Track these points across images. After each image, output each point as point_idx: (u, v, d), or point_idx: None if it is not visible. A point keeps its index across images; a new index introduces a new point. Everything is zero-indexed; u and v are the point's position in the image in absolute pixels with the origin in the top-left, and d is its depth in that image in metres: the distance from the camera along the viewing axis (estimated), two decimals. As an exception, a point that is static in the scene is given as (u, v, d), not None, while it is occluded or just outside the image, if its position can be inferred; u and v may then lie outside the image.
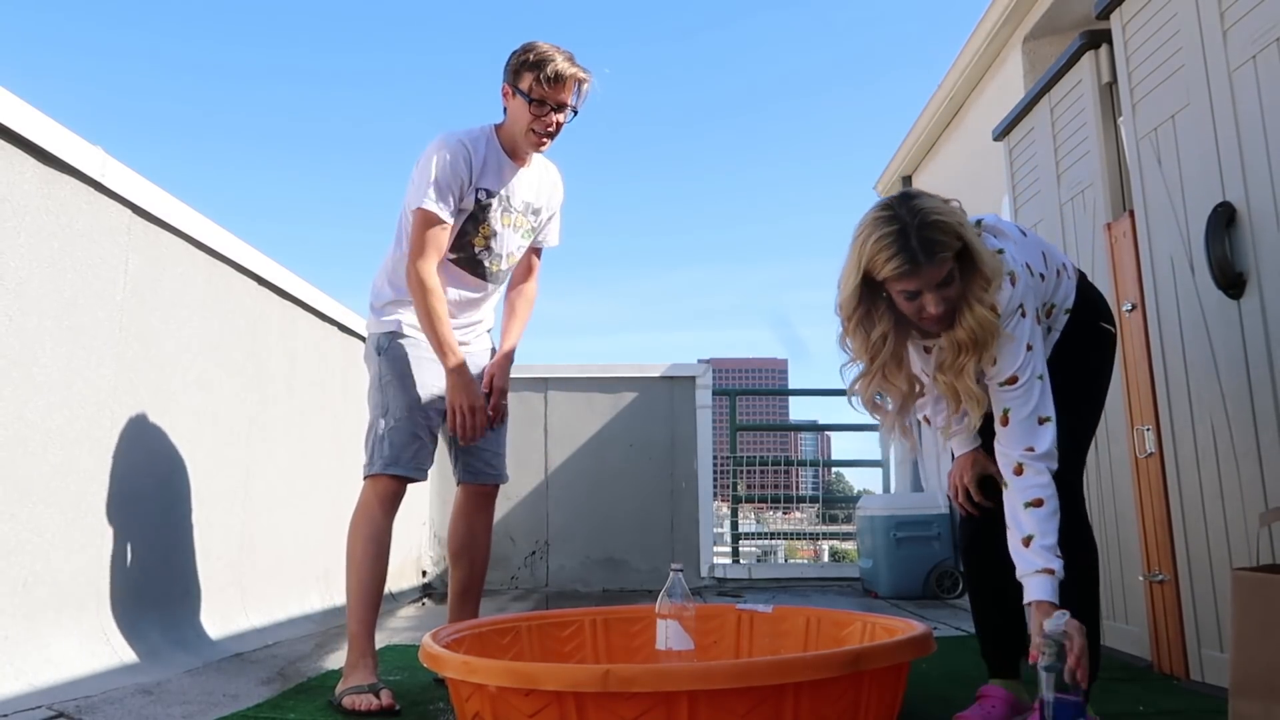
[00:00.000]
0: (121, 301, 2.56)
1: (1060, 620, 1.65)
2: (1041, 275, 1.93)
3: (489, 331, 2.69)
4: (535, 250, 2.67)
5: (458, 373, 2.36)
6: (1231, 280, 2.24)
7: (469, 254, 2.45)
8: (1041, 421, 1.80)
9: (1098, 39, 2.97)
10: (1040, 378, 1.81)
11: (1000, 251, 1.83)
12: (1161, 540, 2.58)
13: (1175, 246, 2.49)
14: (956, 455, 2.11)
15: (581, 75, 2.36)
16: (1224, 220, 2.27)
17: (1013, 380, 1.81)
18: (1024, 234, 2.00)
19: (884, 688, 1.69)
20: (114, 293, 2.53)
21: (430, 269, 2.33)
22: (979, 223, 1.91)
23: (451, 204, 2.35)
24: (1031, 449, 1.80)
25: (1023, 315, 1.81)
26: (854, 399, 1.95)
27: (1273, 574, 1.52)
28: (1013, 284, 1.81)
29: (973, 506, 2.06)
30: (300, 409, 3.77)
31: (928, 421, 2.12)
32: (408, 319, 2.47)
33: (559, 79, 2.32)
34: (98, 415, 2.45)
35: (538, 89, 2.32)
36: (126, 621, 2.51)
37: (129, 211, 2.60)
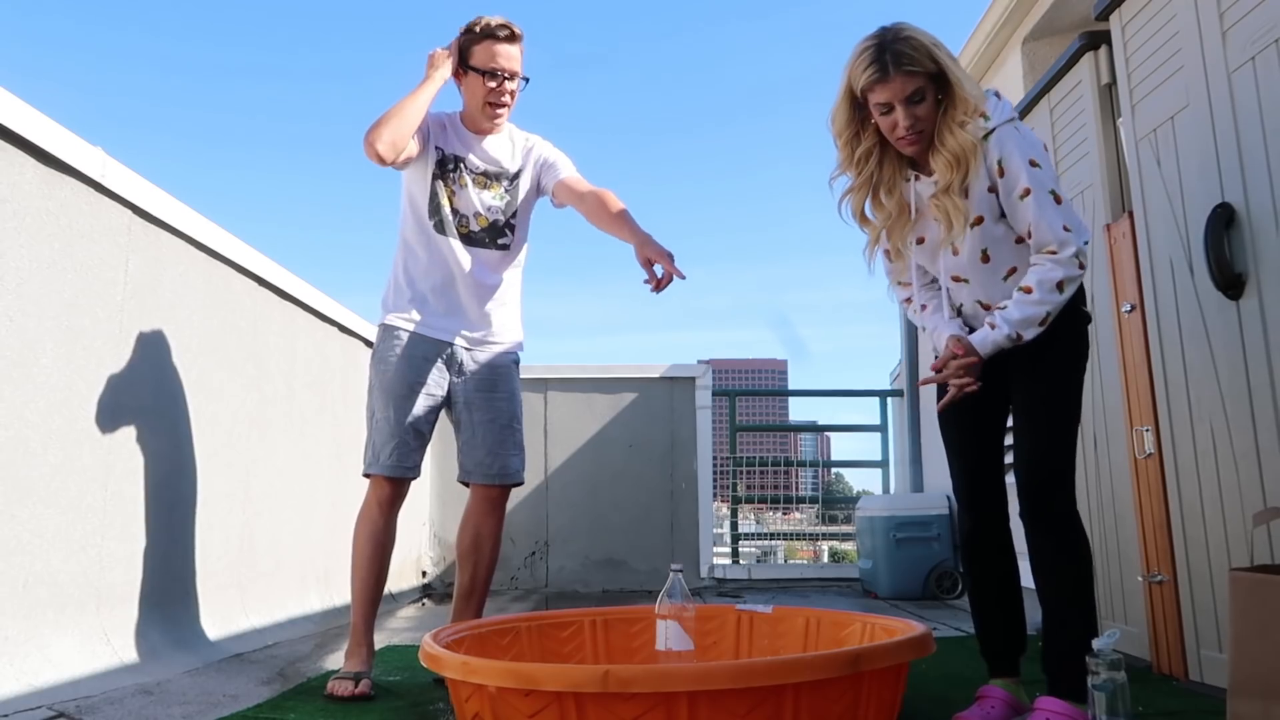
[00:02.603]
0: (122, 302, 2.56)
1: (1111, 639, 1.64)
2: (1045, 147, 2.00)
3: (507, 327, 2.65)
4: (567, 183, 2.62)
5: (427, 76, 2.48)
6: (1230, 281, 2.24)
7: (440, 216, 2.55)
8: (1066, 229, 1.88)
9: (1097, 40, 2.97)
10: (1052, 193, 1.89)
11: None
12: (1161, 541, 2.59)
13: (1174, 248, 2.49)
14: (941, 339, 2.08)
15: (518, 34, 2.53)
16: (1223, 221, 2.27)
17: (1026, 192, 1.88)
18: None
19: (883, 688, 1.69)
20: (114, 293, 2.53)
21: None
22: (997, 94, 2.01)
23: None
24: (1054, 251, 1.88)
25: (1019, 131, 1.92)
26: (843, 208, 2.09)
27: (1270, 575, 1.53)
28: (998, 97, 1.97)
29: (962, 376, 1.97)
30: (300, 410, 3.77)
31: (909, 303, 2.20)
32: (391, 318, 2.55)
33: (499, 44, 2.50)
34: (98, 416, 2.45)
35: (484, 59, 2.49)
36: (126, 622, 2.51)
37: (129, 212, 2.60)
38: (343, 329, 4.23)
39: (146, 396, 2.68)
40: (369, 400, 2.56)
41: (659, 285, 2.31)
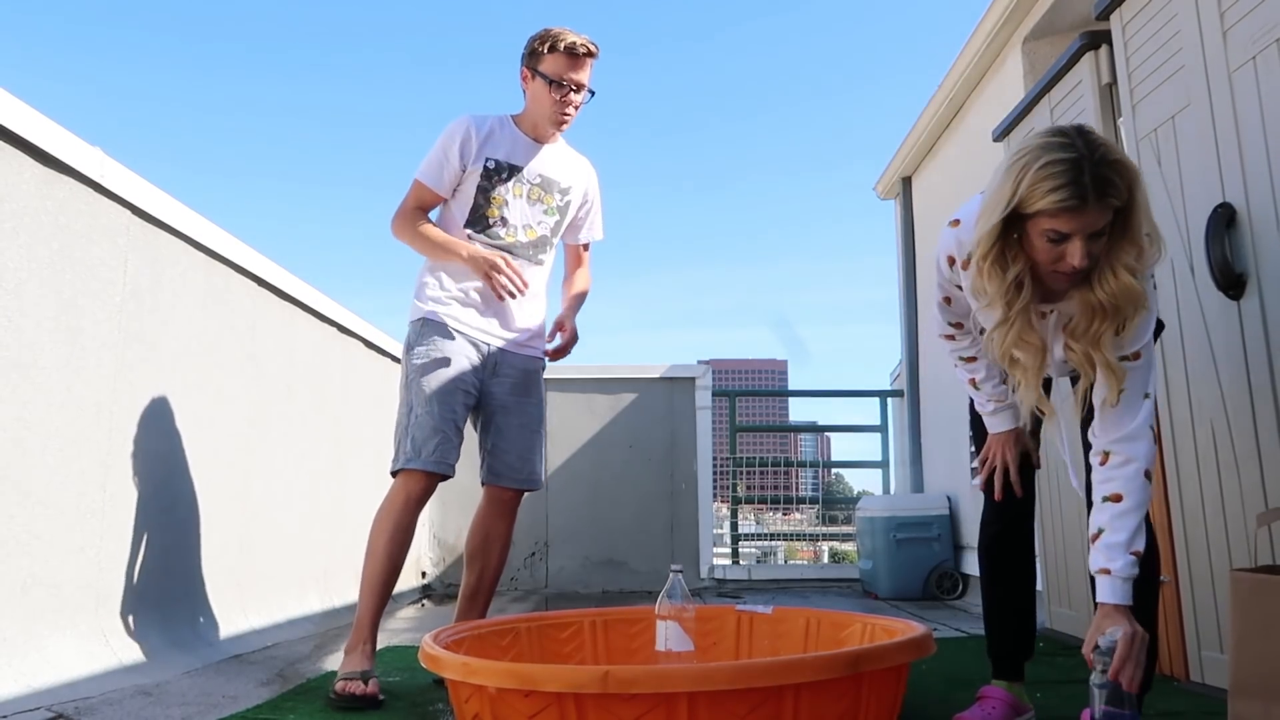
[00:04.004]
0: (120, 302, 2.56)
1: (1115, 635, 1.59)
2: None
3: (540, 328, 2.66)
4: (582, 246, 2.76)
5: (467, 256, 2.45)
6: (1231, 281, 2.24)
7: (484, 226, 2.52)
8: (1145, 397, 1.70)
9: (1097, 40, 2.97)
10: (1150, 362, 1.72)
11: None
12: (1162, 542, 2.58)
13: (1175, 248, 2.49)
14: (995, 431, 2.01)
15: (595, 52, 2.50)
16: (1224, 221, 2.26)
17: (1136, 355, 1.68)
18: None
19: (884, 689, 1.69)
20: (113, 294, 2.53)
21: (402, 212, 2.53)
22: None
23: (442, 172, 2.50)
24: (1123, 430, 1.68)
25: (1154, 285, 1.71)
26: (990, 349, 1.75)
27: (1271, 575, 1.52)
28: (1150, 243, 1.66)
29: (1003, 487, 1.97)
30: (300, 410, 3.77)
31: (974, 385, 2.04)
32: (433, 312, 2.51)
33: (576, 59, 2.48)
34: (97, 416, 2.45)
35: (556, 68, 2.46)
36: (126, 623, 2.51)
37: (128, 212, 2.60)
38: (342, 329, 4.23)
39: (145, 397, 2.67)
40: (406, 395, 2.48)
41: (556, 353, 2.61)
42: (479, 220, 2.52)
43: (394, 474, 2.47)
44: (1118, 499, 1.67)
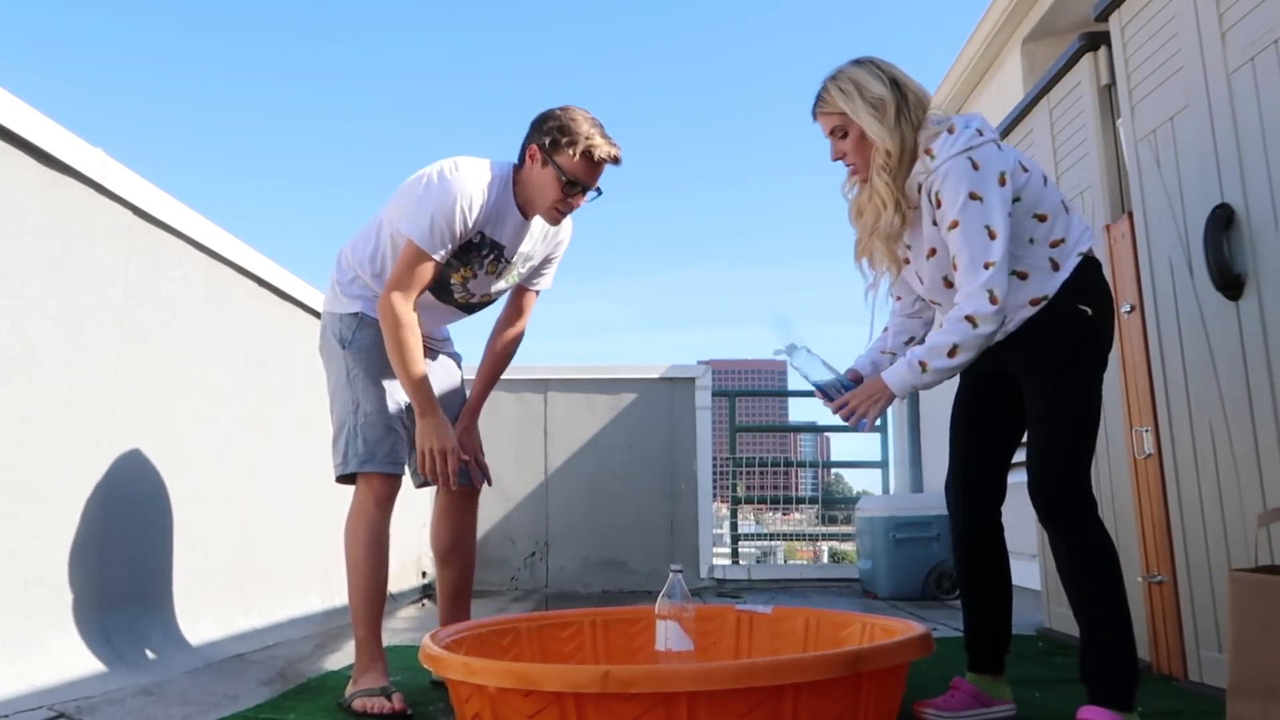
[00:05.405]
0: (122, 303, 2.57)
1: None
2: (1022, 167, 1.95)
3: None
4: (533, 291, 2.60)
5: (426, 418, 2.26)
6: (1230, 282, 2.25)
7: (443, 281, 2.37)
8: (986, 265, 1.85)
9: (1096, 41, 2.98)
10: (988, 228, 1.85)
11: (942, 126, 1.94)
12: (1160, 542, 2.59)
13: (1174, 248, 2.50)
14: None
15: (619, 157, 2.29)
16: (1222, 222, 2.27)
17: (953, 225, 1.87)
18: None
19: (883, 689, 1.70)
20: (115, 294, 2.53)
21: (408, 303, 2.24)
22: (957, 124, 1.95)
23: (446, 245, 2.24)
24: (964, 285, 1.87)
25: (974, 166, 1.87)
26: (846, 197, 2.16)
27: (1270, 575, 1.53)
28: (950, 133, 1.92)
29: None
30: (301, 410, 3.78)
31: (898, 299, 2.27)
32: (371, 309, 2.37)
33: (597, 164, 2.26)
34: (99, 416, 2.46)
35: (574, 170, 2.24)
36: (127, 622, 2.52)
37: (129, 213, 2.60)
38: (343, 329, 4.23)
39: (147, 397, 2.68)
40: (348, 392, 2.33)
41: (450, 475, 2.29)
42: (439, 286, 2.37)
43: (345, 477, 2.35)
44: (941, 325, 1.95)
